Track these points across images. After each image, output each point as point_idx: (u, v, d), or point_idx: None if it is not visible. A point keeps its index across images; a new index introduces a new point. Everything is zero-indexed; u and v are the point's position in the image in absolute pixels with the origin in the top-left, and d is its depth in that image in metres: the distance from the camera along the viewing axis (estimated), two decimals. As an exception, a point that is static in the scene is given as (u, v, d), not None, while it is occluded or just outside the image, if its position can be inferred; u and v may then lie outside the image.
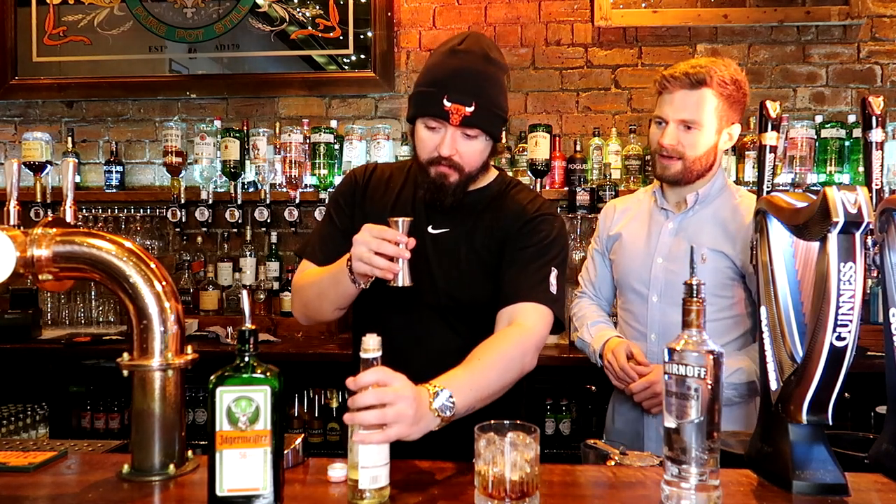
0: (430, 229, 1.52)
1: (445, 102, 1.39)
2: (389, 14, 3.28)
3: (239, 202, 3.18)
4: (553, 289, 1.45)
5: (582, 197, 3.05)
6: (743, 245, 1.71)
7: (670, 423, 1.05)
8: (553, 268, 1.47)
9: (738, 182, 2.95)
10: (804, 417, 1.12)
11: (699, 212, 1.79)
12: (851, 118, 3.00)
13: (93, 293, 3.27)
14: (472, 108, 1.40)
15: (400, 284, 1.30)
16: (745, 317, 1.76)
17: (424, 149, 1.47)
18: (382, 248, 1.28)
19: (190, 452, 1.27)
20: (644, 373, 1.72)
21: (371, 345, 1.09)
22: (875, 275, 1.31)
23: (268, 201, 3.15)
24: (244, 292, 1.28)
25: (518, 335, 1.37)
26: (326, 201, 1.72)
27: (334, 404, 2.92)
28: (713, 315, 1.63)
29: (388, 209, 1.54)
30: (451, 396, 1.16)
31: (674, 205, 1.83)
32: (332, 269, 1.45)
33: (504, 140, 3.16)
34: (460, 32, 1.53)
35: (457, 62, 1.43)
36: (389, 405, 1.06)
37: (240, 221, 3.20)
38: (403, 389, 1.09)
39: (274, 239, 3.26)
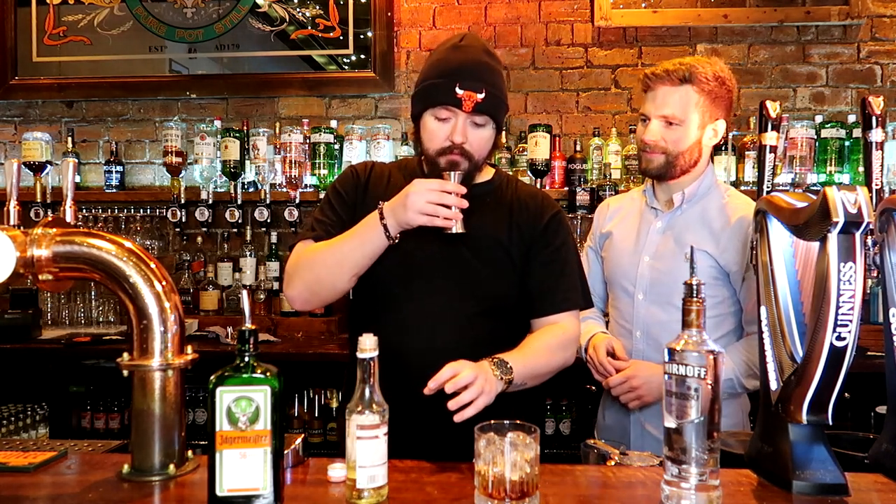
0: None
1: (458, 90, 1.45)
2: (389, 14, 3.28)
3: (239, 202, 3.18)
4: (578, 285, 1.61)
5: (582, 197, 3.05)
6: (727, 244, 1.73)
7: (670, 423, 1.05)
8: (575, 266, 1.62)
9: (737, 182, 2.96)
10: (804, 417, 1.12)
11: (686, 211, 1.80)
12: (851, 118, 3.00)
13: (93, 293, 3.27)
14: (482, 95, 1.46)
15: (456, 231, 1.40)
16: (728, 315, 1.77)
17: (434, 139, 1.49)
18: (444, 199, 1.37)
19: (190, 452, 1.27)
20: (622, 367, 1.73)
21: (367, 345, 1.09)
22: (875, 275, 1.31)
23: (268, 201, 3.15)
24: (244, 292, 1.29)
25: (561, 332, 1.54)
26: (324, 192, 1.70)
27: (334, 404, 2.92)
28: None
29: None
30: (507, 363, 1.37)
31: (663, 203, 1.84)
32: (355, 232, 1.46)
33: (504, 139, 3.17)
34: (456, 33, 1.58)
35: (463, 55, 1.50)
36: (471, 385, 1.26)
37: (240, 221, 3.20)
38: (472, 370, 1.29)
39: (274, 239, 3.26)
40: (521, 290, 1.58)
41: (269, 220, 3.17)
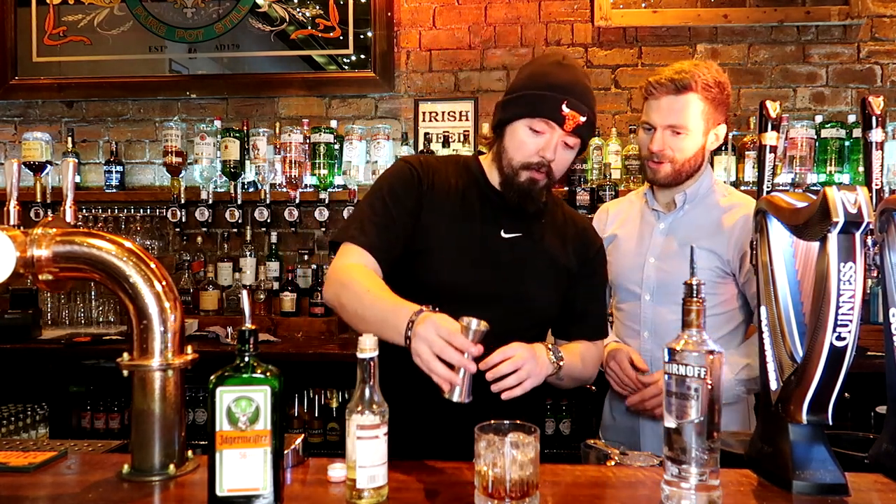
0: (502, 233, 1.53)
1: (564, 108, 1.42)
2: (389, 14, 3.28)
3: (239, 202, 3.18)
4: (607, 316, 1.75)
5: (582, 197, 3.05)
6: (729, 240, 1.75)
7: (670, 423, 1.05)
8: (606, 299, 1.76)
9: (737, 182, 2.96)
10: (804, 417, 1.12)
11: (689, 212, 1.83)
12: (851, 118, 3.00)
13: (93, 293, 3.27)
14: (584, 119, 1.45)
15: (455, 399, 1.16)
16: (736, 311, 1.79)
17: (523, 151, 1.46)
18: (445, 354, 1.16)
19: (190, 452, 1.27)
20: (648, 382, 1.72)
21: (367, 345, 1.09)
22: (875, 275, 1.31)
23: (268, 201, 3.15)
24: (244, 292, 1.28)
25: (596, 351, 1.64)
26: (376, 187, 1.53)
27: (334, 404, 2.93)
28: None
29: (456, 213, 1.51)
30: (559, 351, 1.44)
31: (664, 205, 1.86)
32: (385, 309, 1.30)
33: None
34: (552, 50, 1.54)
35: (570, 74, 1.48)
36: (522, 367, 1.30)
37: (240, 221, 3.20)
38: (525, 351, 1.33)
39: (274, 239, 3.26)
40: (561, 309, 1.60)
41: (269, 220, 3.18)
